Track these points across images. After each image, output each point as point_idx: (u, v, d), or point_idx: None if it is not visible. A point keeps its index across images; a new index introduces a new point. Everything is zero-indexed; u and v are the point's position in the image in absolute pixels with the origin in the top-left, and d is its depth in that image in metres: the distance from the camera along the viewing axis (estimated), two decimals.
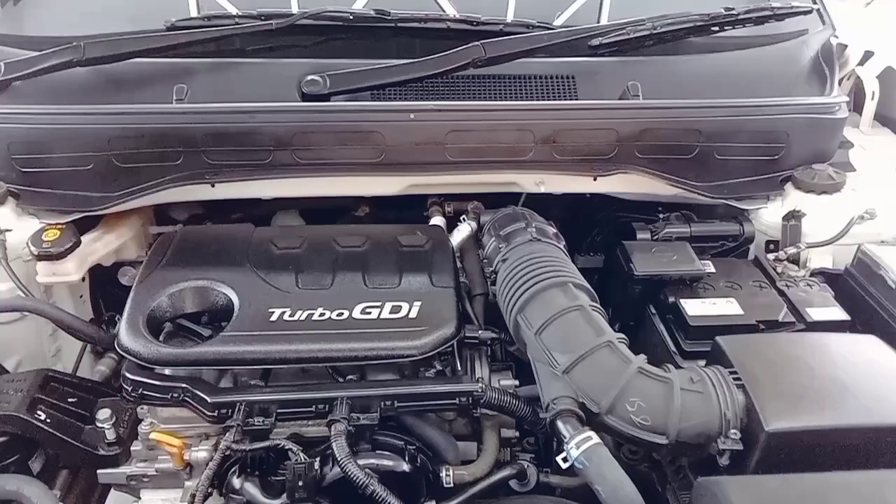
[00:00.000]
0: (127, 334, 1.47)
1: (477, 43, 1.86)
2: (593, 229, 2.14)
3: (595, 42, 1.99)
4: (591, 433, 1.25)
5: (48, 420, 1.56)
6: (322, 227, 1.86)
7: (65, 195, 1.83)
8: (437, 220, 1.93)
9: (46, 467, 1.63)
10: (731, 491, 1.11)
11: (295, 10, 1.94)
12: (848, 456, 1.23)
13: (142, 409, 1.59)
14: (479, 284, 1.77)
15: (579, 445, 1.23)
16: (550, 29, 2.01)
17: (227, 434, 1.36)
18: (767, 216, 1.91)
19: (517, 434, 1.61)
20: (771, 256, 1.80)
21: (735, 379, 1.30)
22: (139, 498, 1.58)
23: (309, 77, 1.84)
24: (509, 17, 2.02)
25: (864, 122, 2.29)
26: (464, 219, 1.89)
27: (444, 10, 1.99)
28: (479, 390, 1.43)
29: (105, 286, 2.02)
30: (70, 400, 1.63)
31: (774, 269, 1.76)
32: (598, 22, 2.03)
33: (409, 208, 2.07)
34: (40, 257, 1.71)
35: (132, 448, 1.57)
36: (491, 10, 2.01)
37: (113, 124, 1.77)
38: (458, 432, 1.61)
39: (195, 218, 2.12)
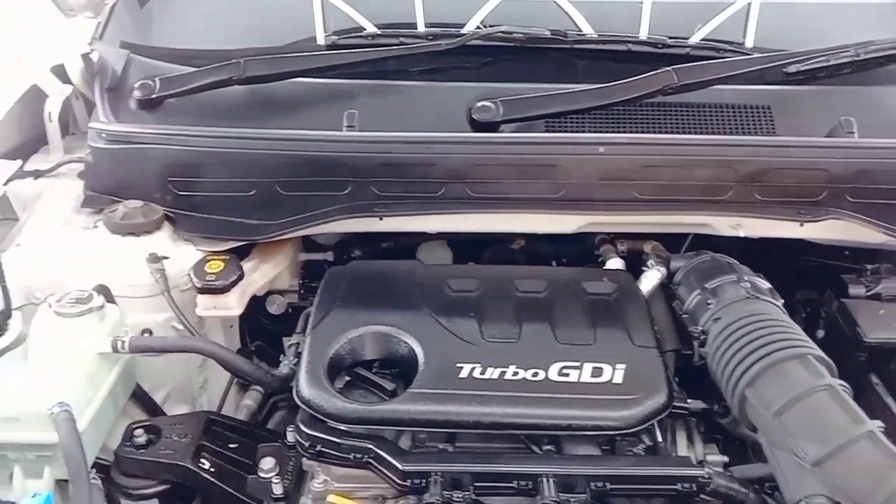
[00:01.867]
0: (307, 385, 1.35)
1: (668, 69, 1.70)
2: (778, 274, 1.93)
3: (792, 69, 1.79)
4: None
5: (212, 469, 1.46)
6: (495, 267, 1.72)
7: (223, 221, 1.74)
8: (616, 263, 1.76)
9: None
10: None
11: (469, 27, 1.81)
12: None
13: (307, 461, 1.48)
14: (671, 340, 1.59)
15: None
16: (745, 54, 1.83)
17: None
18: None
19: None
20: None
21: None
22: None
23: (480, 103, 1.71)
24: (643, 34, 1.83)
25: None
26: (651, 264, 1.71)
27: (579, 28, 1.82)
28: (706, 476, 1.25)
29: (253, 315, 1.92)
30: (231, 446, 1.53)
31: None
32: (745, 38, 1.84)
33: (569, 242, 1.90)
34: (203, 290, 1.62)
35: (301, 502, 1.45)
36: (624, 26, 1.85)
37: (280, 150, 1.67)
38: None
39: (342, 245, 2.00)
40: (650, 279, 1.67)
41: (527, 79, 1.81)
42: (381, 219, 1.69)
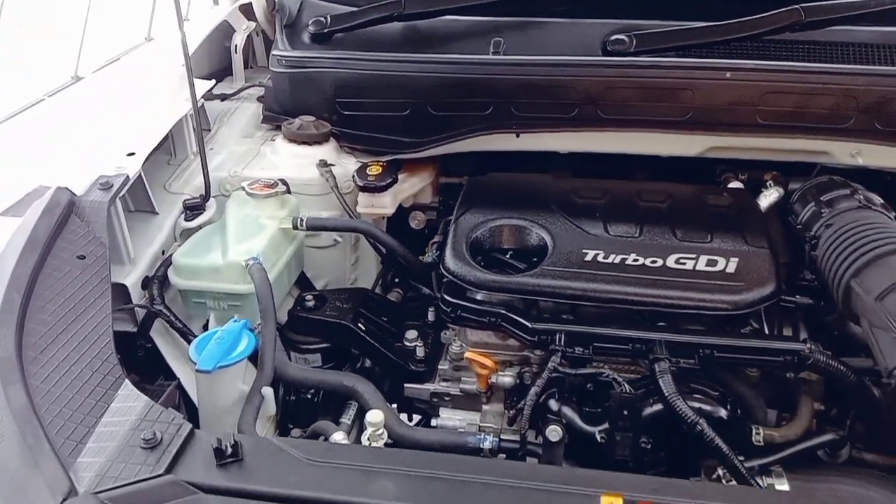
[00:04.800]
0: (452, 258, 1.58)
1: (796, 6, 1.79)
2: None
3: None
4: None
5: (368, 332, 1.71)
6: (621, 181, 1.87)
7: (380, 138, 2.00)
8: (736, 185, 1.89)
9: None
10: None
11: None
12: None
13: (444, 334, 1.71)
14: (784, 253, 1.70)
15: None
16: None
17: (552, 357, 1.42)
18: None
19: (823, 408, 1.54)
20: None
21: None
22: (438, 415, 1.69)
23: (614, 36, 1.87)
24: None
25: None
26: (770, 184, 1.83)
27: None
28: (807, 350, 1.38)
29: (396, 228, 2.17)
30: (383, 318, 1.78)
31: None
32: None
33: (694, 180, 2.03)
34: (364, 189, 1.88)
35: (439, 367, 1.68)
36: None
37: (432, 73, 1.90)
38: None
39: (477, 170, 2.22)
40: (768, 197, 1.79)
41: (660, 15, 1.95)
42: (518, 136, 1.89)
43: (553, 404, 1.44)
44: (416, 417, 1.76)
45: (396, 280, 2.06)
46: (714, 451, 1.28)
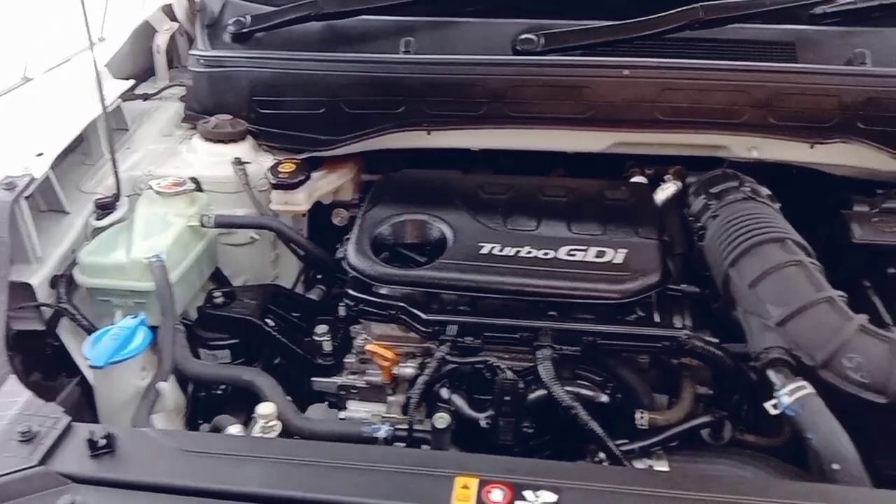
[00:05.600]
0: (355, 254, 1.62)
1: (696, 5, 1.85)
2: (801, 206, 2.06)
3: (819, 10, 1.92)
4: (805, 382, 1.23)
5: (275, 328, 1.74)
6: (527, 177, 1.92)
7: (296, 136, 2.02)
8: (639, 179, 1.94)
9: None
10: None
11: None
12: None
13: (354, 327, 1.75)
14: (680, 244, 1.76)
15: (792, 393, 1.21)
16: None
17: (440, 346, 1.46)
18: None
19: (710, 392, 1.59)
20: None
21: None
22: (345, 408, 1.73)
23: (523, 35, 1.92)
24: None
25: None
26: (668, 178, 1.89)
27: None
28: (684, 336, 1.44)
29: (318, 225, 2.20)
30: (293, 314, 1.81)
31: None
32: None
33: (607, 175, 2.08)
34: (276, 186, 1.90)
35: (345, 360, 1.72)
36: None
37: (345, 72, 1.93)
38: (650, 384, 1.63)
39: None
40: (665, 191, 1.85)
41: (569, 15, 2.00)
42: (429, 133, 1.93)
43: (444, 392, 1.48)
44: None
45: (319, 276, 2.09)
46: (589, 435, 1.33)
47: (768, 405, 1.26)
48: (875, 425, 1.32)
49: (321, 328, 1.76)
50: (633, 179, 1.96)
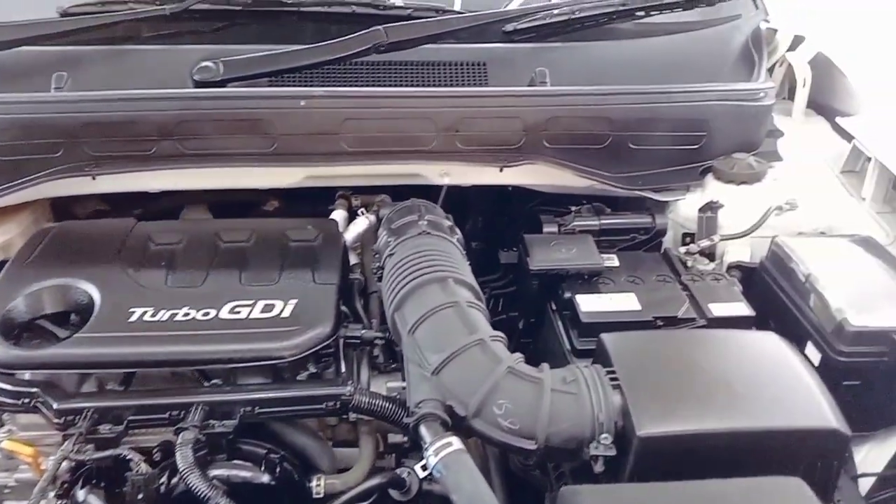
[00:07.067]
0: None
1: (378, 27, 1.77)
2: (512, 224, 2.05)
3: (509, 28, 1.91)
4: (453, 439, 1.15)
5: None
6: (209, 220, 1.75)
7: None
8: (339, 214, 1.83)
9: None
10: (588, 501, 1.02)
11: None
12: (734, 462, 1.14)
13: (5, 416, 1.50)
14: (374, 283, 1.67)
15: (438, 452, 1.13)
16: (461, 13, 1.92)
17: (65, 443, 1.25)
18: (685, 208, 1.82)
19: (406, 439, 1.51)
20: (682, 249, 1.71)
21: (612, 379, 1.21)
22: None
23: (202, 64, 1.75)
24: (457, 5, 1.93)
25: (797, 109, 2.20)
26: (363, 212, 1.79)
27: None
28: (348, 394, 1.33)
29: None
30: None
31: (683, 263, 1.67)
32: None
33: (322, 203, 1.97)
34: None
35: None
36: None
37: None
38: (344, 438, 1.52)
39: (98, 214, 2.01)
40: (357, 226, 1.76)
41: (254, 41, 1.85)
42: (93, 178, 1.71)
43: (80, 495, 1.28)
44: None
45: None
46: None
47: (418, 467, 1.17)
48: None
49: None
50: (334, 213, 1.84)
